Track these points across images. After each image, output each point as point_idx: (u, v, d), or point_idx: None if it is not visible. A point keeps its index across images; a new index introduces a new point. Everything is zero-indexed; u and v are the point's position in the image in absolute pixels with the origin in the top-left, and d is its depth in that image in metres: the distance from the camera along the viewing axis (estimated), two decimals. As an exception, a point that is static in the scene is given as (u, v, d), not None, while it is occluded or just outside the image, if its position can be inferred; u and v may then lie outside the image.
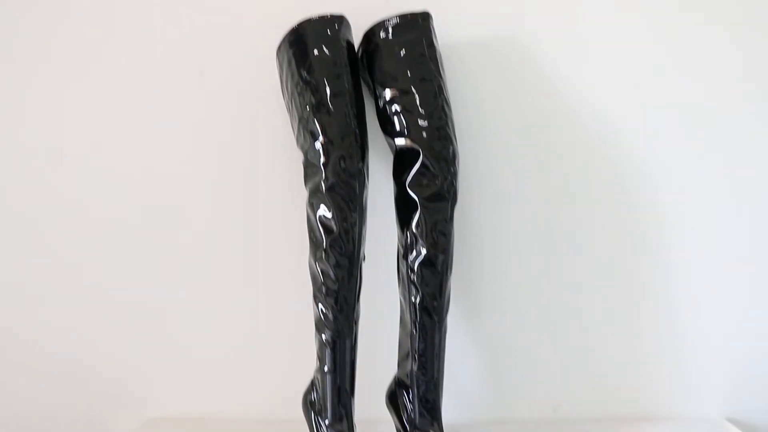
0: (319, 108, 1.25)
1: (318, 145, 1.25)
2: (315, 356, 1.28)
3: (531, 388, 1.51)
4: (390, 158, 1.34)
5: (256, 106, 1.46)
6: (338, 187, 1.23)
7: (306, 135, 1.27)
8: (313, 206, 1.26)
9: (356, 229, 1.24)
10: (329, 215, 1.23)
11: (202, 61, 1.47)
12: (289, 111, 1.33)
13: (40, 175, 1.51)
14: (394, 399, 1.32)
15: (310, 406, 1.30)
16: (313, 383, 1.30)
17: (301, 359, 1.35)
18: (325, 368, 1.25)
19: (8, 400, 1.55)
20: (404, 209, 1.29)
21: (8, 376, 1.54)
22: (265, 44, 1.40)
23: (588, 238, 1.48)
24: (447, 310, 1.28)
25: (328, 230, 1.24)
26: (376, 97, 1.32)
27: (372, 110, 1.35)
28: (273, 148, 1.46)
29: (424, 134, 1.27)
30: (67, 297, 1.53)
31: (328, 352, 1.24)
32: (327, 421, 1.25)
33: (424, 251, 1.26)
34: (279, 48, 1.35)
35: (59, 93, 1.49)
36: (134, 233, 1.50)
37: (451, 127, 1.30)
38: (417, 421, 1.26)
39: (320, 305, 1.26)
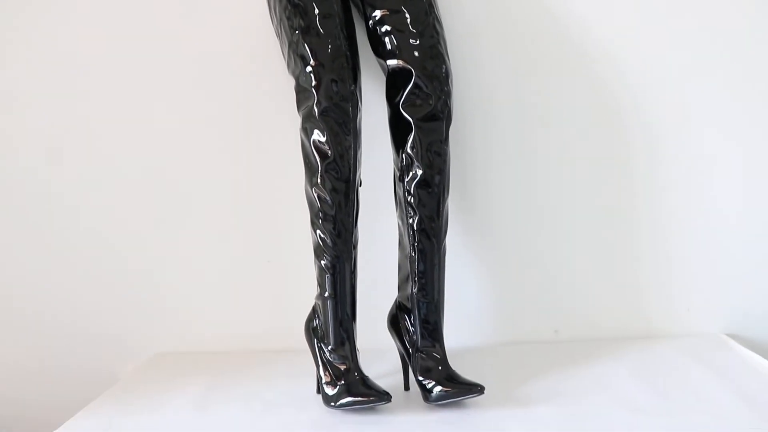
0: (308, 31, 1.24)
1: (309, 69, 1.23)
2: (316, 283, 1.28)
3: (533, 311, 1.53)
4: (383, 80, 1.32)
5: (249, 39, 1.46)
6: (331, 110, 1.22)
7: (296, 59, 1.25)
8: (306, 131, 1.25)
9: (351, 153, 1.23)
10: (323, 139, 1.22)
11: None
12: (279, 37, 1.31)
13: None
14: (395, 323, 1.32)
15: (312, 333, 1.29)
16: (314, 310, 1.30)
17: (304, 288, 1.35)
18: (326, 294, 1.25)
19: (13, 348, 1.57)
20: (399, 131, 1.28)
21: (12, 325, 1.57)
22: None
23: (584, 162, 1.50)
24: (446, 232, 1.28)
25: (322, 155, 1.23)
26: (366, 18, 1.30)
27: (363, 32, 1.33)
28: (266, 78, 1.46)
29: (416, 53, 1.25)
30: (66, 241, 1.54)
31: (327, 277, 1.24)
32: (329, 347, 1.25)
33: (420, 172, 1.25)
34: (265, -28, 1.32)
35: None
36: (130, 172, 1.52)
37: (443, 45, 1.28)
38: (419, 343, 1.26)
39: (318, 231, 1.25)
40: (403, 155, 1.27)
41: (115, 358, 1.55)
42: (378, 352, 1.38)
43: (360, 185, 1.27)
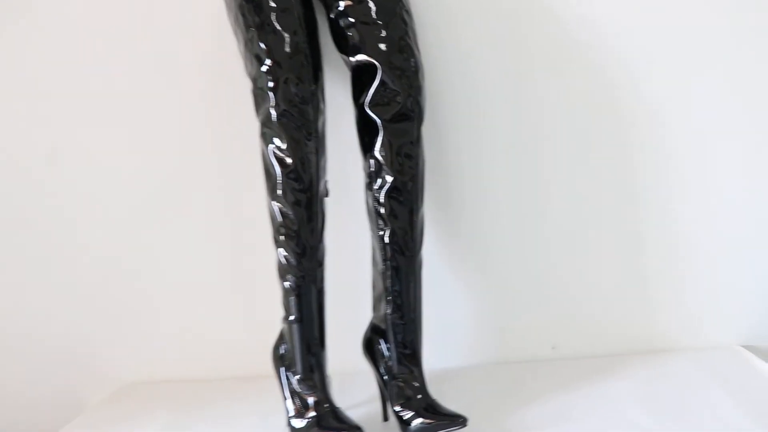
0: (263, 27, 1.17)
1: (264, 68, 1.17)
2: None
3: (526, 326, 1.46)
4: (348, 76, 1.25)
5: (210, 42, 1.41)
6: (290, 114, 1.16)
7: (252, 59, 1.19)
8: (265, 138, 1.18)
9: (313, 160, 1.17)
10: (283, 146, 1.16)
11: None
12: (235, 35, 1.25)
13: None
14: (370, 347, 1.24)
15: (279, 360, 1.22)
16: (281, 335, 1.23)
17: (272, 311, 1.28)
18: (291, 317, 1.18)
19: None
20: (366, 133, 1.21)
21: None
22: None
23: (582, 160, 1.42)
24: (421, 244, 1.21)
25: (282, 163, 1.17)
26: (328, 11, 1.24)
27: (326, 28, 1.26)
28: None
29: (382, 46, 1.19)
30: (32, 268, 1.51)
31: (292, 299, 1.18)
32: (297, 376, 1.18)
33: (390, 179, 1.19)
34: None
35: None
36: (102, 188, 1.48)
37: (412, 37, 1.21)
38: (395, 369, 1.19)
39: (280, 249, 1.18)
40: (371, 160, 1.20)
41: (85, 384, 1.53)
42: (354, 377, 1.31)
43: (327, 195, 1.21)
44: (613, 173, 1.42)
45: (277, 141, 1.16)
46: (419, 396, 1.16)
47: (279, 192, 1.16)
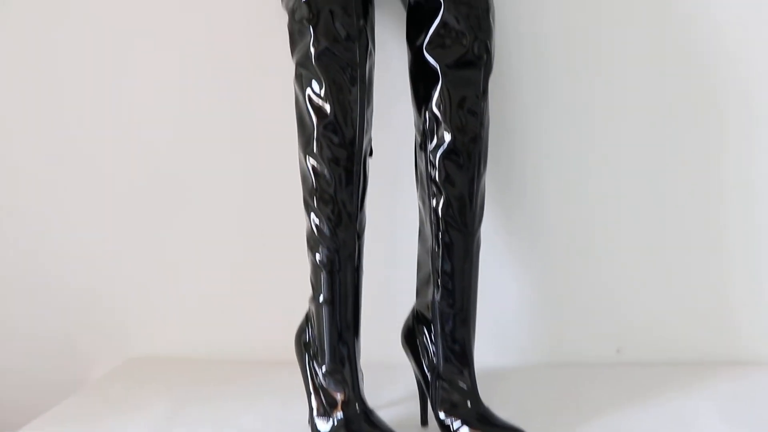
0: None
1: None
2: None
3: (588, 324, 1.38)
4: (403, 16, 1.15)
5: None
6: (332, 52, 1.05)
7: None
8: (301, 81, 1.08)
9: (357, 110, 1.06)
10: (322, 91, 1.05)
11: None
12: None
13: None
14: (411, 338, 1.16)
15: (303, 347, 1.13)
16: (307, 318, 1.13)
17: (297, 288, 1.22)
18: (321, 298, 1.08)
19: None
20: (422, 82, 1.11)
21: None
22: None
23: (660, 154, 1.34)
24: (480, 220, 1.11)
25: (320, 112, 1.06)
26: None
27: None
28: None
29: None
30: (56, 221, 1.48)
31: (323, 276, 1.08)
32: (324, 368, 1.08)
33: (448, 138, 1.08)
34: None
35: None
36: (108, 173, 1.45)
37: None
38: (441, 367, 1.09)
39: (312, 215, 1.08)
40: (427, 114, 1.10)
41: (88, 361, 1.48)
42: (388, 371, 1.24)
43: (370, 155, 1.11)
44: (695, 171, 1.34)
45: (315, 85, 1.06)
46: (469, 403, 1.07)
47: (314, 146, 1.06)
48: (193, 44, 1.39)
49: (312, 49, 1.05)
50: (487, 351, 1.24)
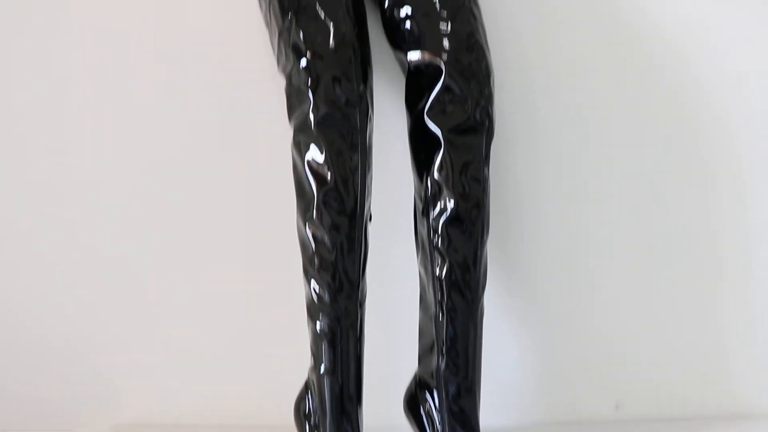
0: (303, 12, 1.08)
1: (304, 62, 1.06)
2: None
3: (587, 380, 1.36)
4: (403, 80, 1.15)
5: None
6: (332, 119, 1.04)
7: (288, 51, 1.09)
8: (299, 148, 1.07)
9: (359, 177, 1.05)
10: (321, 159, 1.04)
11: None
12: (268, 25, 1.16)
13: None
14: (414, 405, 1.13)
15: (303, 417, 1.10)
16: (307, 387, 1.11)
17: (297, 352, 1.20)
18: (322, 368, 1.06)
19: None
20: (423, 148, 1.10)
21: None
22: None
23: (660, 196, 1.34)
24: (484, 286, 1.10)
25: (320, 179, 1.05)
26: None
27: (376, 16, 1.18)
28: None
29: (447, 43, 1.09)
30: (46, 282, 1.43)
31: (325, 346, 1.05)
32: None
33: (451, 205, 1.07)
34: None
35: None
36: (114, 219, 1.41)
37: (482, 34, 1.12)
38: None
39: (312, 283, 1.06)
40: (429, 181, 1.09)
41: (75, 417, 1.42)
42: None
43: (370, 220, 1.09)
44: (688, 218, 1.34)
45: (314, 151, 1.05)
46: (477, 477, 1.04)
47: (314, 213, 1.05)
48: (195, 44, 1.37)
49: (312, 116, 1.04)
50: (484, 410, 1.19)
